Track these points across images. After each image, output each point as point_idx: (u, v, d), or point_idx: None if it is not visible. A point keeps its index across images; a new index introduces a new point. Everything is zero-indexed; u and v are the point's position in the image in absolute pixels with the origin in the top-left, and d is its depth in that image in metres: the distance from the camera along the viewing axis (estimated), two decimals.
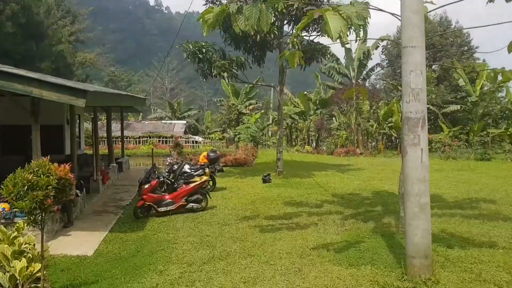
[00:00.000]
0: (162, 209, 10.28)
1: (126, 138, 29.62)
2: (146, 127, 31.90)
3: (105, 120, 35.51)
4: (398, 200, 7.85)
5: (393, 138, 35.06)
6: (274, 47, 15.98)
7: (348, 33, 6.27)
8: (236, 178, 16.25)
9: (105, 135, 28.99)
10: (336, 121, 31.70)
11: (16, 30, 31.84)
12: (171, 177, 13.33)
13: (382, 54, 38.99)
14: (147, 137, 29.82)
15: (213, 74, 14.42)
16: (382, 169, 18.83)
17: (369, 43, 29.71)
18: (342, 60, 29.96)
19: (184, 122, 33.74)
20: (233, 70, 14.34)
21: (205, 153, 13.73)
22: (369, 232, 8.10)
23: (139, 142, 29.55)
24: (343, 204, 11.20)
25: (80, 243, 8.37)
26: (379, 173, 17.45)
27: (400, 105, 29.01)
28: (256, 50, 15.61)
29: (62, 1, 47.73)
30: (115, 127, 32.04)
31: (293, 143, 32.31)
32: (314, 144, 31.28)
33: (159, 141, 29.44)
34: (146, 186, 10.26)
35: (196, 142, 30.02)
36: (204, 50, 14.13)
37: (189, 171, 13.31)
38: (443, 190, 13.30)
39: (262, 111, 33.67)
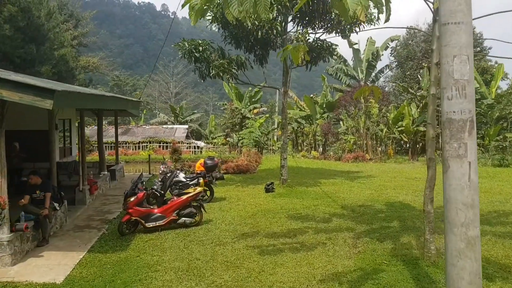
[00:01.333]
0: (151, 224, 9.13)
1: (125, 143, 28.62)
2: (146, 132, 30.83)
3: (110, 125, 34.66)
4: (423, 219, 6.59)
5: (402, 142, 33.74)
6: (278, 45, 14.84)
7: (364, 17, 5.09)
8: (237, 187, 15.07)
9: (106, 140, 28.17)
10: (344, 125, 30.47)
11: (15, 33, 31.12)
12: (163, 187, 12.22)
13: (391, 55, 37.80)
14: (147, 142, 28.73)
15: (211, 74, 13.26)
16: (394, 177, 17.54)
17: (378, 43, 28.49)
18: (350, 62, 28.75)
19: (186, 126, 32.62)
20: (233, 70, 13.18)
21: (201, 161, 12.56)
22: (387, 256, 6.87)
23: (139, 148, 28.47)
24: (354, 218, 9.97)
25: (51, 267, 7.25)
26: (391, 181, 16.18)
27: (410, 109, 27.73)
28: (258, 49, 14.45)
29: (65, 4, 47.30)
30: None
31: (299, 148, 31.05)
32: (321, 149, 30.02)
33: (159, 146, 28.35)
34: (132, 198, 9.11)
35: (198, 147, 28.86)
36: (201, 48, 13.00)
37: (184, 180, 12.19)
38: None
39: (267, 115, 32.45)
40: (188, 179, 12.27)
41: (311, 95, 31.37)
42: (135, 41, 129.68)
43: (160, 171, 12.44)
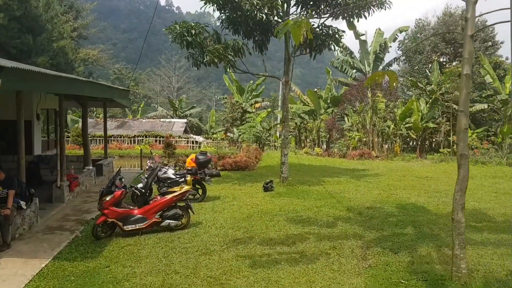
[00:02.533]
0: (129, 227, 7.99)
1: (120, 137, 27.54)
2: (143, 125, 29.70)
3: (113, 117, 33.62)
4: (452, 230, 5.36)
5: (408, 139, 32.41)
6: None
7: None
8: (234, 184, 13.92)
9: (101, 133, 27.11)
10: (349, 121, 29.20)
11: (10, 22, 30.19)
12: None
13: (398, 49, 36.50)
14: (142, 136, 27.58)
15: (205, 60, 12.03)
16: (403, 175, 16.32)
17: (386, 34, 27.12)
18: (357, 54, 27.40)
19: (185, 120, 31.45)
20: (229, 56, 11.96)
21: (193, 156, 11.37)
22: (404, 272, 5.69)
23: (134, 142, 27.34)
24: (362, 222, 8.78)
25: (4, 278, 6.13)
26: (401, 180, 14.97)
27: (419, 104, 26.40)
28: (257, 34, 13.23)
29: None
30: (110, 125, 30.01)
31: (302, 145, 29.82)
32: (325, 145, 28.77)
33: (155, 140, 27.20)
34: (108, 198, 7.97)
35: (197, 142, 27.70)
36: (193, 31, 11.76)
37: (173, 177, 11.06)
38: (483, 203, 10.82)
39: (269, 109, 31.16)
40: (178, 176, 11.13)
41: (315, 89, 30.06)
42: (139, 36, 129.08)
43: (147, 167, 11.30)
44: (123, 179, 8.52)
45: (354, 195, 12.01)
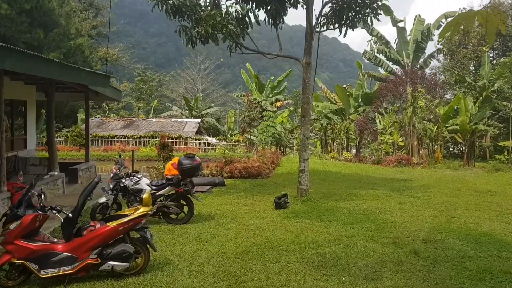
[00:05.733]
0: (49, 271, 5.05)
1: (125, 137, 24.89)
2: (152, 125, 26.99)
3: (112, 118, 31.20)
4: None
5: (450, 144, 28.44)
6: (299, 1, 10.51)
7: None
8: (238, 197, 10.81)
9: (108, 133, 24.59)
10: (381, 123, 25.57)
11: (19, 16, 28.45)
12: (118, 197, 8.15)
13: (439, 44, 32.55)
14: (149, 137, 24.83)
15: (197, 30, 8.94)
16: (457, 189, 12.79)
17: (429, 20, 23.40)
18: (393, 44, 23.78)
19: (198, 121, 28.58)
20: (230, 26, 8.86)
21: (175, 160, 8.29)
22: None
23: (140, 143, 24.62)
24: (421, 271, 5.50)
25: None
26: (457, 196, 11.48)
27: (467, 102, 22.59)
28: (271, 2, 10.11)
29: None
30: (117, 124, 27.53)
31: (329, 149, 26.39)
32: (355, 150, 25.26)
33: None
34: (13, 225, 5.02)
35: (209, 144, 24.77)
36: None
37: (147, 188, 8.05)
38: None
39: (291, 108, 27.87)
40: (155, 187, 8.15)
41: (344, 85, 26.57)
42: (168, 40, 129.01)
43: (112, 174, 8.31)
44: (43, 195, 5.57)
45: (399, 217, 8.68)
